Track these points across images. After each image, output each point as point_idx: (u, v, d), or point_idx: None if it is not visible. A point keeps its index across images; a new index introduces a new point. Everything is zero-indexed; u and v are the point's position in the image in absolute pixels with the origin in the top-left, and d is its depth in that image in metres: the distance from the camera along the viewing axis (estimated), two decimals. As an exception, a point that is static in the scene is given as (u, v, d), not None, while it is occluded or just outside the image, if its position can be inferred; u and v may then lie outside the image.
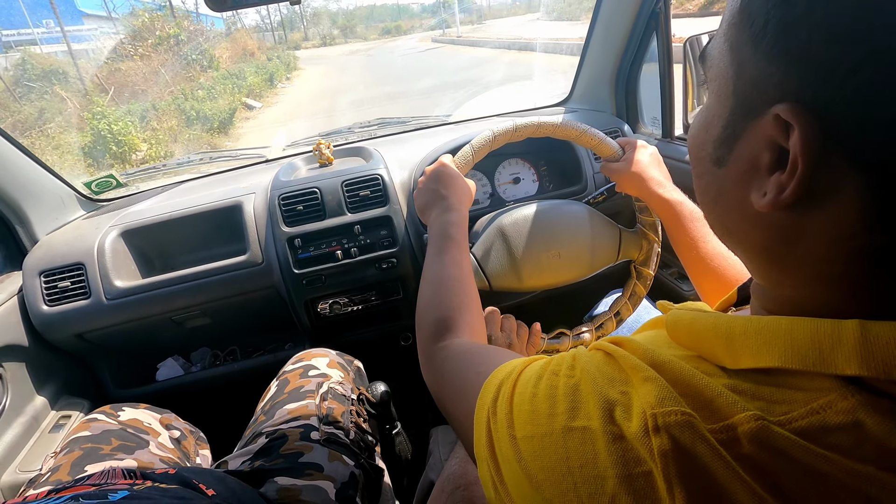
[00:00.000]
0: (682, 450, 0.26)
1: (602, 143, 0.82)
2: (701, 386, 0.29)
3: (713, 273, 0.69)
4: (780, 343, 0.28)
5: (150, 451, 0.82)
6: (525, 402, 0.35)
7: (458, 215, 0.72)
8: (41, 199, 1.17)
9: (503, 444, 0.35)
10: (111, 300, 1.07)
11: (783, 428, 0.26)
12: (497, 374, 0.41)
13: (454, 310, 0.60)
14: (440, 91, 9.02)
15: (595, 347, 0.37)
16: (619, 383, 0.32)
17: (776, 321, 0.29)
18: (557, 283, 0.88)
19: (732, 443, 0.26)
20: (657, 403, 0.28)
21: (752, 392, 0.28)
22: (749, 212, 0.32)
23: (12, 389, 1.01)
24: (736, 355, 0.30)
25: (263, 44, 20.81)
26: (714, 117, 0.33)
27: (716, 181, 0.34)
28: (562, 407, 0.32)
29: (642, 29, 1.19)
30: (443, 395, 0.50)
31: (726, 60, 0.32)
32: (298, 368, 0.92)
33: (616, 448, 0.29)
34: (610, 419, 0.30)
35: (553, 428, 0.32)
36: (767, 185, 0.30)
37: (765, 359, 0.29)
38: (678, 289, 1.22)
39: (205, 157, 1.48)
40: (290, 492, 0.67)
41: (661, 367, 0.31)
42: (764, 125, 0.29)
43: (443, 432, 0.95)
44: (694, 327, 0.34)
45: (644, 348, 0.33)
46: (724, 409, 0.28)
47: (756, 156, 0.30)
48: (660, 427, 0.27)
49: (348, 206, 1.12)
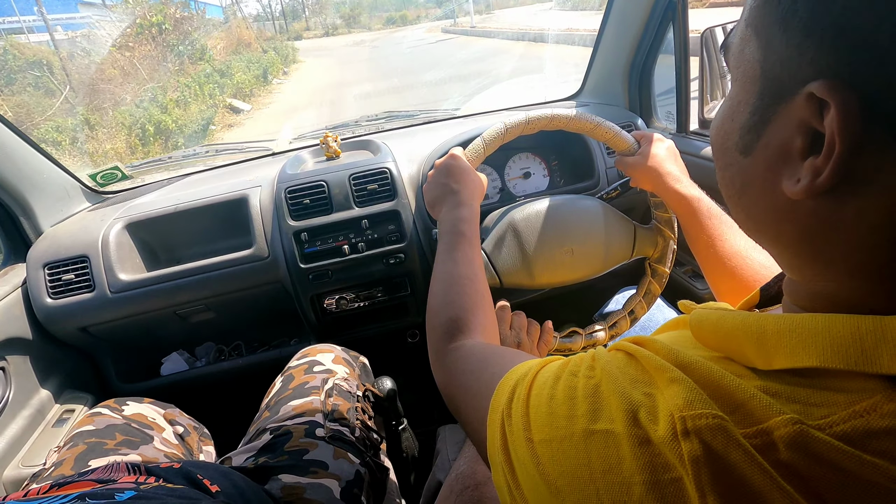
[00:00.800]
0: (714, 455, 0.25)
1: (617, 136, 0.80)
2: (732, 388, 0.27)
3: (730, 272, 0.66)
4: (819, 341, 0.26)
5: (154, 447, 0.81)
6: (542, 405, 0.34)
7: (470, 210, 0.70)
8: (46, 191, 1.16)
9: (519, 448, 0.33)
10: (115, 293, 1.06)
11: (823, 432, 0.24)
12: (511, 376, 0.39)
13: (466, 310, 0.58)
14: (448, 84, 8.47)
15: (615, 348, 0.35)
16: (643, 384, 0.30)
17: (812, 318, 0.27)
18: (570, 281, 0.86)
19: (768, 448, 0.25)
20: (685, 406, 0.27)
21: (788, 394, 0.27)
22: (780, 201, 0.30)
23: (16, 383, 1.01)
24: (768, 355, 0.28)
25: (263, 33, 18.90)
26: (739, 105, 0.32)
27: (742, 171, 0.33)
28: (582, 409, 0.31)
29: (658, 20, 1.16)
30: (455, 397, 0.49)
31: (752, 45, 0.30)
32: (303, 364, 0.91)
33: (642, 453, 0.27)
34: (634, 422, 0.28)
35: (573, 431, 0.30)
36: (801, 171, 0.28)
37: (801, 358, 0.27)
38: (692, 287, 1.20)
39: (210, 149, 1.47)
40: (295, 490, 0.67)
41: (687, 367, 0.29)
42: (795, 107, 0.27)
43: (450, 431, 0.93)
44: (721, 326, 0.32)
45: (668, 348, 0.31)
46: (758, 412, 0.26)
47: (787, 141, 0.29)
48: (690, 431, 0.26)
49: (356, 200, 1.10)
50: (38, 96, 7.27)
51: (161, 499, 0.48)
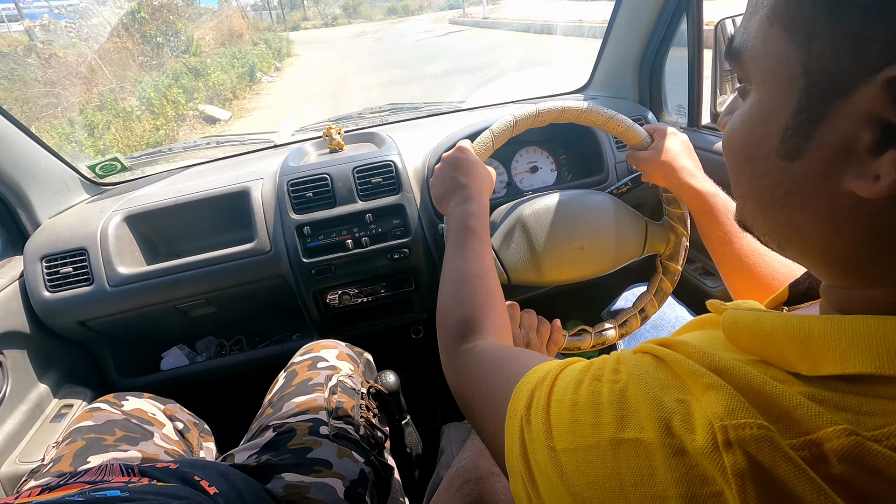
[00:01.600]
0: (760, 469, 0.23)
1: (630, 129, 0.78)
2: (775, 395, 0.26)
3: (748, 270, 0.65)
4: (873, 346, 0.25)
5: (154, 443, 0.80)
6: (564, 411, 0.32)
7: (479, 205, 0.68)
8: (44, 182, 1.15)
9: (540, 457, 0.32)
10: (114, 287, 1.04)
11: (880, 444, 0.22)
12: (529, 379, 0.38)
13: (478, 309, 0.56)
14: (454, 76, 7.81)
15: (640, 350, 0.33)
16: (675, 390, 0.28)
17: (863, 321, 0.26)
18: (579, 278, 0.84)
19: (820, 461, 0.23)
20: (726, 414, 0.25)
21: (837, 402, 0.25)
22: (839, 205, 0.28)
23: (13, 377, 0.99)
24: (815, 360, 0.27)
25: (260, 22, 17.27)
26: (774, 108, 0.30)
27: (786, 177, 0.30)
28: (608, 416, 0.29)
29: (671, 10, 1.13)
30: (469, 401, 0.47)
31: (782, 44, 0.28)
32: (307, 360, 0.90)
33: (677, 464, 0.25)
34: (667, 431, 0.26)
35: (599, 440, 0.29)
36: (877, 167, 0.25)
37: (853, 363, 0.25)
38: (703, 285, 1.18)
39: (211, 140, 1.45)
40: (298, 489, 0.66)
41: (725, 372, 0.28)
42: (861, 99, 0.25)
43: (454, 429, 0.92)
44: (759, 329, 0.30)
45: (701, 351, 0.30)
46: (806, 421, 0.24)
47: (849, 137, 0.26)
48: (732, 442, 0.24)
49: (359, 194, 1.08)
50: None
51: (146, 499, 0.47)
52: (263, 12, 19.11)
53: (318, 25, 18.81)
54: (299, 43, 14.69)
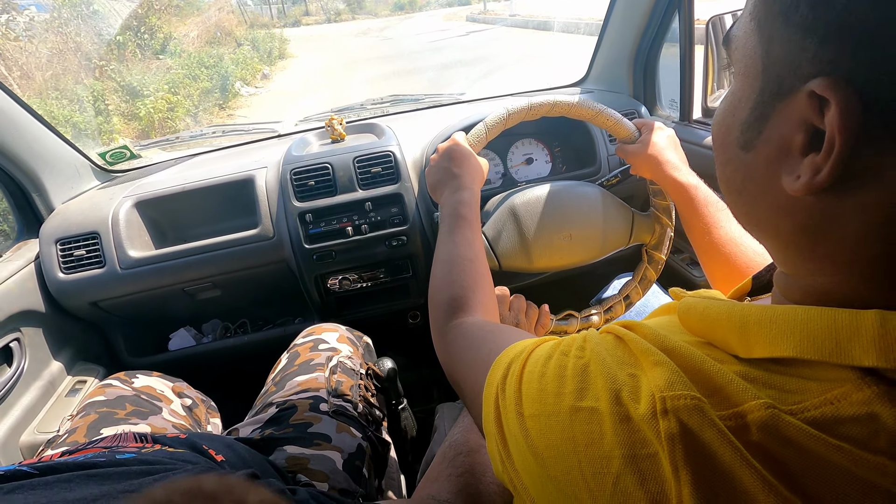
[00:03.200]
0: (689, 434, 0.26)
1: (618, 123, 0.81)
2: (712, 372, 0.29)
3: (725, 259, 0.68)
4: (796, 333, 0.28)
5: (162, 417, 0.84)
6: (534, 381, 0.35)
7: (470, 194, 0.72)
8: (57, 169, 1.18)
9: (510, 421, 0.35)
10: (125, 270, 1.08)
11: (794, 417, 0.26)
12: (508, 353, 0.41)
13: (467, 288, 0.60)
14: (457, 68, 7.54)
15: (606, 330, 0.37)
16: (629, 366, 0.31)
17: (792, 310, 0.29)
18: (567, 265, 0.87)
19: (742, 430, 0.26)
20: (666, 387, 0.28)
21: (764, 380, 0.28)
22: (779, 197, 0.31)
23: (30, 353, 1.04)
24: (749, 344, 0.30)
25: (258, 18, 15.13)
26: (741, 100, 0.32)
27: (743, 166, 0.33)
28: (570, 387, 0.32)
29: (664, 7, 1.15)
30: (455, 372, 0.51)
31: (753, 39, 0.30)
32: (308, 342, 0.93)
33: (623, 429, 0.28)
34: (617, 400, 0.29)
35: (560, 407, 0.32)
36: (800, 168, 0.28)
37: (779, 348, 0.28)
38: (689, 275, 1.21)
39: (217, 130, 1.48)
40: (299, 460, 0.69)
41: (671, 351, 0.31)
42: (796, 104, 0.28)
43: (448, 409, 0.96)
44: (707, 315, 0.33)
45: (655, 333, 0.33)
46: (735, 395, 0.27)
47: (787, 138, 0.29)
48: (668, 410, 0.27)
49: (360, 183, 1.12)
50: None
51: (161, 461, 0.51)
52: (264, 6, 17.24)
53: (320, 21, 17.03)
54: (297, 41, 12.80)
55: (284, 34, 12.46)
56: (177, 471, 0.41)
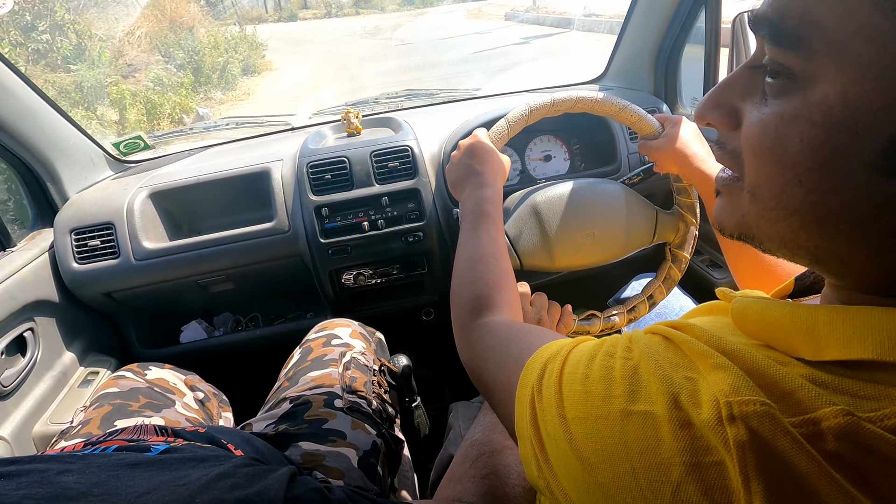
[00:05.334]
0: (761, 442, 0.25)
1: (643, 119, 0.79)
2: (778, 376, 0.27)
3: (753, 255, 0.66)
4: (875, 334, 0.26)
5: (176, 411, 0.84)
6: (576, 383, 0.34)
7: (493, 191, 0.70)
8: (72, 158, 1.18)
9: (550, 424, 0.34)
10: (139, 261, 1.08)
11: (874, 425, 0.24)
12: (542, 353, 0.40)
13: (492, 287, 0.58)
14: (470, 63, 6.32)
15: (651, 331, 0.35)
16: (684, 368, 0.30)
17: (868, 311, 0.27)
18: (590, 264, 0.86)
19: (816, 437, 0.24)
20: (731, 391, 0.26)
21: (836, 385, 0.26)
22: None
23: (44, 343, 1.04)
24: (819, 346, 0.28)
25: (251, 12, 12.08)
26: (874, 113, 0.24)
27: (881, 194, 0.26)
28: (619, 389, 0.31)
29: (690, 3, 1.13)
30: (482, 372, 0.49)
31: (884, 29, 0.23)
32: (321, 337, 0.92)
33: (683, 435, 0.27)
34: (675, 405, 0.28)
35: (609, 410, 0.31)
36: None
37: (855, 350, 0.26)
38: (709, 276, 1.19)
39: (231, 121, 1.48)
40: (314, 457, 0.68)
41: (731, 354, 0.29)
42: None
43: (463, 408, 0.95)
44: (767, 315, 0.32)
45: (710, 334, 0.31)
46: (807, 401, 0.26)
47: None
48: (735, 416, 0.25)
49: (377, 177, 1.10)
50: None
51: (192, 452, 0.50)
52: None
53: (319, 15, 14.65)
54: (286, 43, 9.69)
55: (268, 33, 9.46)
56: (223, 462, 0.40)
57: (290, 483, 0.38)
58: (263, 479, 0.37)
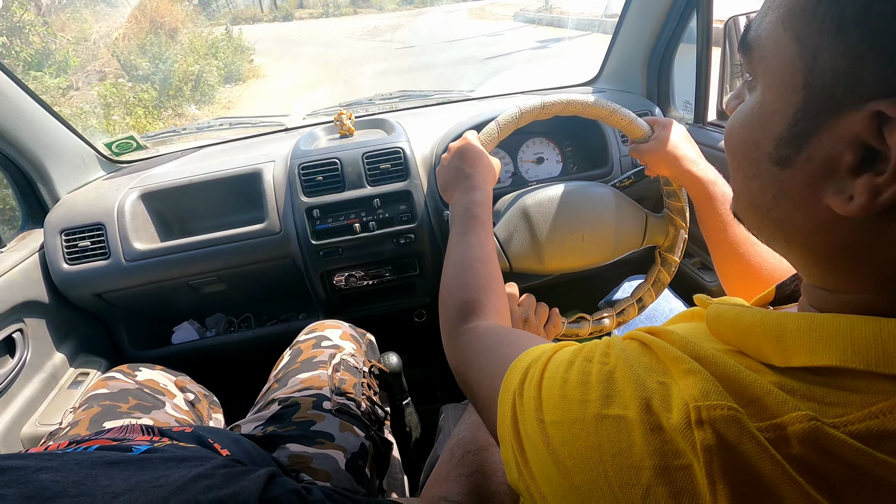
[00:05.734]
0: (727, 445, 0.25)
1: (633, 123, 0.79)
2: (747, 382, 0.28)
3: (739, 258, 0.67)
4: (840, 341, 0.27)
5: (165, 412, 0.83)
6: (555, 387, 0.34)
7: (483, 194, 0.71)
8: (63, 158, 1.17)
9: (529, 427, 0.34)
10: (130, 262, 1.08)
11: (838, 430, 0.25)
12: (524, 358, 0.40)
13: (479, 292, 0.59)
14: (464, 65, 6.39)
15: (630, 337, 0.36)
16: (658, 373, 0.30)
17: (834, 318, 0.28)
18: (580, 267, 0.86)
19: (782, 442, 0.25)
20: (701, 396, 0.27)
21: (803, 392, 0.27)
22: (820, 215, 0.30)
23: (33, 345, 1.03)
24: (787, 353, 0.29)
25: (246, 12, 11.76)
26: (774, 113, 0.31)
27: (776, 183, 0.32)
28: (595, 394, 0.31)
29: (682, 6, 1.13)
30: (467, 376, 0.50)
31: (790, 51, 0.29)
32: (311, 339, 0.92)
33: (654, 439, 0.27)
34: (647, 409, 0.28)
35: (585, 414, 0.31)
36: (851, 188, 0.27)
37: (821, 357, 0.27)
38: (700, 279, 1.20)
39: (224, 122, 1.47)
40: (301, 458, 0.68)
41: (703, 359, 0.30)
42: (849, 122, 0.26)
43: (453, 409, 0.95)
44: (739, 322, 0.32)
45: (685, 340, 0.32)
46: (773, 407, 0.26)
47: (834, 155, 0.28)
48: (703, 420, 0.26)
49: (368, 179, 1.10)
50: None
51: (173, 452, 0.50)
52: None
53: (316, 15, 14.07)
54: (282, 44, 9.10)
55: (260, 34, 8.80)
56: (203, 463, 0.40)
57: (268, 484, 0.38)
58: (241, 480, 0.37)
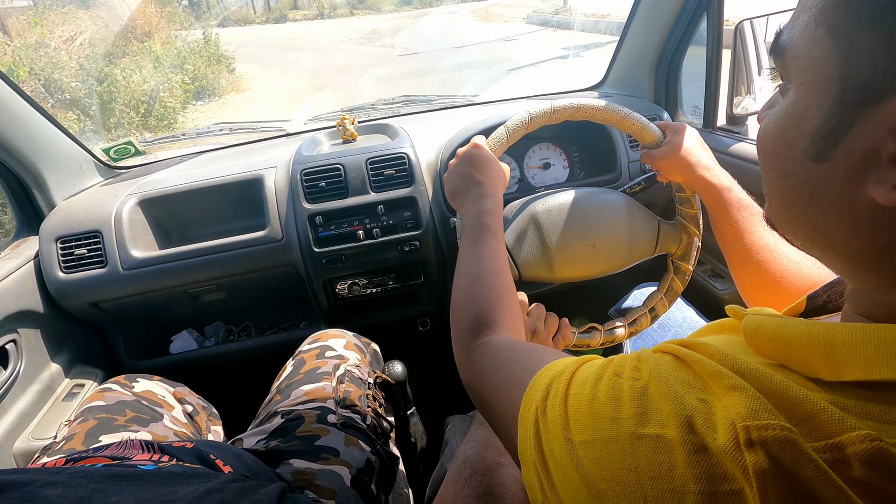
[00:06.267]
0: (782, 469, 0.23)
1: (645, 128, 0.77)
2: (798, 399, 0.26)
3: (757, 265, 0.65)
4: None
5: (164, 425, 0.81)
6: (583, 404, 0.32)
7: (494, 202, 0.69)
8: (59, 164, 1.15)
9: (556, 448, 0.32)
10: (127, 270, 1.05)
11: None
12: (546, 373, 0.38)
13: (493, 304, 0.57)
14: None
15: (661, 350, 0.34)
16: (697, 390, 0.28)
17: (890, 329, 0.26)
18: (591, 276, 0.84)
19: (841, 464, 0.23)
20: (749, 415, 0.25)
21: (860, 409, 0.25)
22: (861, 209, 0.28)
23: (27, 356, 1.01)
24: (838, 366, 0.27)
25: (241, 11, 10.91)
26: (808, 109, 0.30)
27: (813, 178, 0.31)
28: (628, 411, 0.30)
29: (692, 10, 1.12)
30: (483, 393, 0.48)
31: (825, 47, 0.28)
32: (315, 349, 0.90)
33: (698, 461, 0.26)
34: (689, 428, 0.27)
35: (618, 434, 0.29)
36: (894, 177, 0.26)
37: (878, 370, 0.25)
38: (712, 287, 1.18)
39: (224, 127, 1.45)
40: (305, 475, 0.66)
41: (747, 374, 0.28)
42: (889, 110, 0.25)
43: (459, 421, 0.93)
44: (781, 334, 0.30)
45: (723, 353, 0.30)
46: (829, 426, 0.24)
47: (875, 145, 0.27)
48: (754, 442, 0.24)
49: (372, 185, 1.08)
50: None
51: (181, 469, 0.48)
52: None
53: (311, 16, 13.31)
54: (272, 50, 8.32)
55: (249, 37, 7.78)
56: (212, 479, 0.38)
57: (280, 500, 0.36)
58: (253, 495, 0.35)
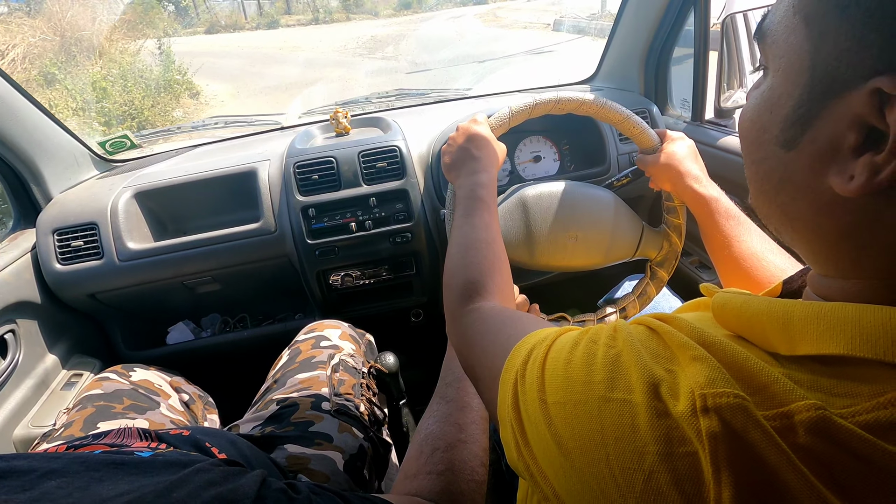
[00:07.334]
0: (733, 433, 0.25)
1: (644, 133, 0.78)
2: (755, 370, 0.27)
3: (745, 274, 0.66)
4: (848, 329, 0.26)
5: (160, 413, 0.83)
6: (559, 368, 0.34)
7: (489, 177, 0.70)
8: (56, 157, 1.16)
9: (531, 408, 0.34)
10: (124, 262, 1.07)
11: (846, 420, 0.24)
12: (529, 339, 0.40)
13: (484, 273, 0.58)
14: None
15: (638, 322, 0.35)
16: (665, 360, 0.30)
17: (842, 307, 0.27)
18: (568, 267, 0.85)
19: (788, 431, 0.25)
20: (707, 384, 0.27)
21: (810, 382, 0.27)
22: (824, 197, 0.30)
23: (25, 346, 1.02)
24: (793, 341, 0.28)
25: (240, 15, 10.53)
26: (781, 97, 0.31)
27: (782, 165, 0.32)
28: (599, 376, 0.31)
29: (679, 4, 1.13)
30: (469, 356, 0.49)
31: (799, 35, 0.29)
32: (310, 339, 0.92)
33: (659, 424, 0.27)
34: (654, 395, 0.28)
35: (589, 396, 0.31)
36: (853, 168, 0.27)
37: (828, 345, 0.27)
38: (698, 278, 1.20)
39: (220, 121, 1.46)
40: (299, 459, 0.68)
41: (711, 346, 0.29)
42: (851, 102, 0.27)
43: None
44: (745, 310, 0.32)
45: (692, 326, 0.31)
46: (781, 395, 0.26)
47: (838, 136, 0.28)
48: (709, 408, 0.26)
49: (364, 178, 1.10)
50: None
51: (177, 457, 0.49)
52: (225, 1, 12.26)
53: (304, 22, 12.40)
54: (253, 64, 7.38)
55: (233, 46, 6.89)
56: (202, 469, 0.39)
57: (262, 484, 0.38)
58: (239, 478, 0.37)
